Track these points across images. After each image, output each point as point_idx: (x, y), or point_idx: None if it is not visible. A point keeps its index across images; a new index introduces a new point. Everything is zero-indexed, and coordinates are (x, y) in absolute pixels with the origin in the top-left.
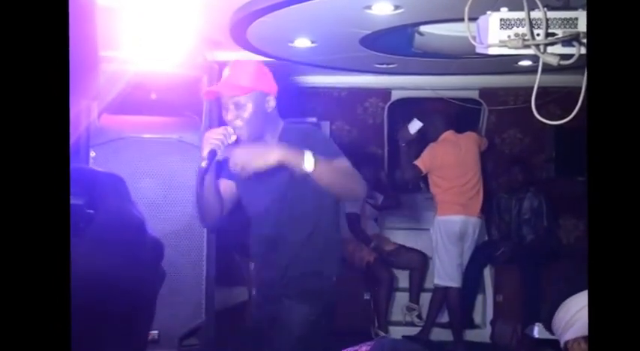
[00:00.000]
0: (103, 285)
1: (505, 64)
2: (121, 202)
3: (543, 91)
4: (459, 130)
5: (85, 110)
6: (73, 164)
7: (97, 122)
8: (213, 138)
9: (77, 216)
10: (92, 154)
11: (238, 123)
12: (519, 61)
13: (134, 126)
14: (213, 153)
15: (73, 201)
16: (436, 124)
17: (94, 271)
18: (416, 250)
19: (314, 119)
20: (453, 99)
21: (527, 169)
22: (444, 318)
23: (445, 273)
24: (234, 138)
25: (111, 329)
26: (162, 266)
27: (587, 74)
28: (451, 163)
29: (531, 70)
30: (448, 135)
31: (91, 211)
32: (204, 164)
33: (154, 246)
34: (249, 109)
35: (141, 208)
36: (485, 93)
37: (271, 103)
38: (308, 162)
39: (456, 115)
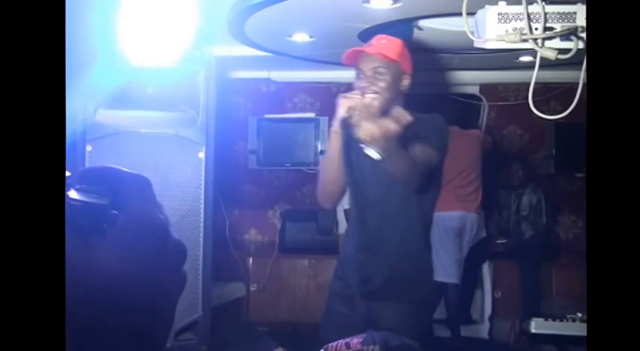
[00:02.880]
0: (124, 287)
1: (505, 59)
2: (145, 204)
3: (544, 86)
4: (461, 126)
5: (81, 105)
6: (101, 165)
7: (92, 117)
8: (350, 98)
9: (101, 216)
10: (88, 148)
11: (373, 89)
12: (520, 56)
13: (130, 121)
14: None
15: (97, 201)
16: None
17: (115, 272)
18: None
19: (312, 115)
20: (453, 95)
21: (526, 165)
22: (442, 314)
23: (443, 269)
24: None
25: (130, 332)
26: (184, 270)
27: (587, 69)
28: (449, 157)
29: (532, 66)
30: (450, 130)
31: (115, 212)
32: (337, 126)
33: (177, 249)
34: (387, 79)
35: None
36: (486, 88)
37: (406, 82)
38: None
39: (459, 111)
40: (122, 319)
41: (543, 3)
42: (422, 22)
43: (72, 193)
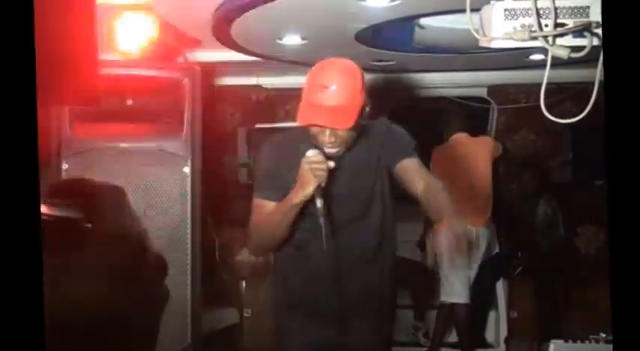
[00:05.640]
0: (102, 304)
1: (515, 58)
2: (120, 216)
3: (557, 87)
4: (470, 132)
5: (55, 119)
6: (73, 177)
7: (68, 131)
8: (317, 168)
9: (75, 230)
10: (64, 166)
11: (336, 145)
12: (530, 55)
13: (109, 135)
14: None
15: (71, 214)
16: (448, 125)
17: (92, 289)
18: (421, 264)
19: None
20: (459, 98)
21: (540, 173)
22: (454, 337)
23: (451, 288)
24: (332, 164)
25: (111, 348)
26: (165, 284)
27: (604, 67)
28: (456, 167)
29: (544, 65)
30: (459, 137)
31: (89, 225)
32: (319, 203)
33: (157, 262)
34: (350, 133)
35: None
36: (495, 90)
37: (367, 110)
38: None
39: (467, 116)
40: (102, 339)
41: None
42: (423, 20)
43: (43, 209)
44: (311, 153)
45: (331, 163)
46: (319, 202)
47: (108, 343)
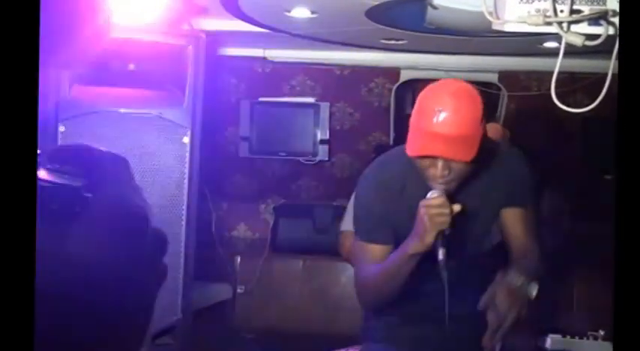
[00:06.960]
0: (98, 278)
1: (528, 44)
2: (122, 187)
3: (570, 76)
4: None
5: (55, 80)
6: (76, 143)
7: (67, 93)
8: (438, 213)
9: (74, 200)
10: (61, 129)
11: (449, 180)
12: (545, 42)
13: (109, 99)
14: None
15: (70, 182)
16: None
17: (88, 261)
18: None
19: (312, 100)
20: (469, 82)
21: (548, 164)
22: None
23: None
24: (458, 207)
25: (103, 327)
26: (164, 262)
27: (619, 57)
28: None
29: (557, 53)
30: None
31: (89, 195)
32: (441, 255)
33: (157, 238)
34: (469, 164)
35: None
36: (506, 77)
37: (487, 142)
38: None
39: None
40: (96, 314)
41: None
42: (437, 0)
43: (42, 174)
44: (432, 195)
45: (457, 207)
46: (441, 254)
47: (100, 320)
